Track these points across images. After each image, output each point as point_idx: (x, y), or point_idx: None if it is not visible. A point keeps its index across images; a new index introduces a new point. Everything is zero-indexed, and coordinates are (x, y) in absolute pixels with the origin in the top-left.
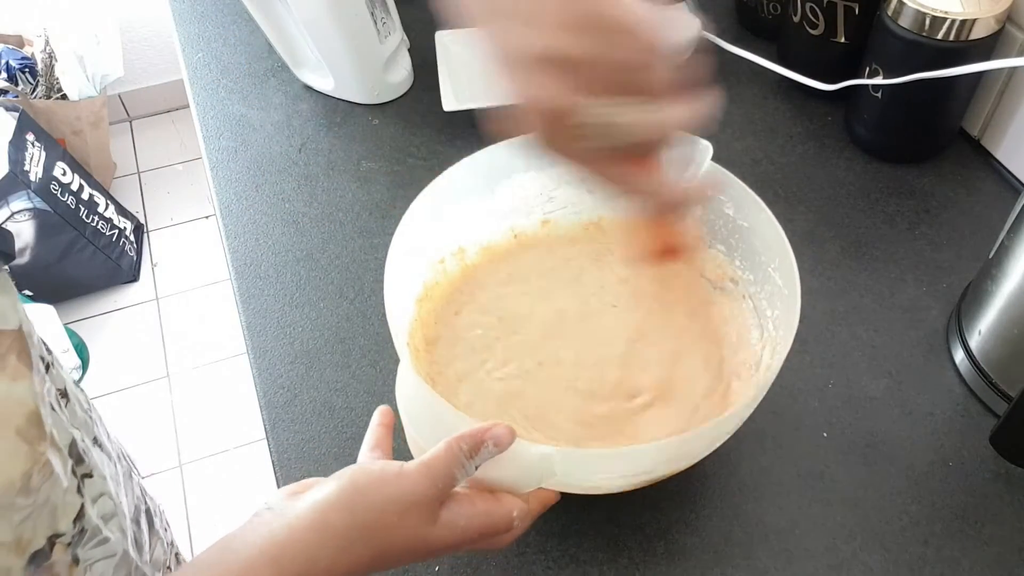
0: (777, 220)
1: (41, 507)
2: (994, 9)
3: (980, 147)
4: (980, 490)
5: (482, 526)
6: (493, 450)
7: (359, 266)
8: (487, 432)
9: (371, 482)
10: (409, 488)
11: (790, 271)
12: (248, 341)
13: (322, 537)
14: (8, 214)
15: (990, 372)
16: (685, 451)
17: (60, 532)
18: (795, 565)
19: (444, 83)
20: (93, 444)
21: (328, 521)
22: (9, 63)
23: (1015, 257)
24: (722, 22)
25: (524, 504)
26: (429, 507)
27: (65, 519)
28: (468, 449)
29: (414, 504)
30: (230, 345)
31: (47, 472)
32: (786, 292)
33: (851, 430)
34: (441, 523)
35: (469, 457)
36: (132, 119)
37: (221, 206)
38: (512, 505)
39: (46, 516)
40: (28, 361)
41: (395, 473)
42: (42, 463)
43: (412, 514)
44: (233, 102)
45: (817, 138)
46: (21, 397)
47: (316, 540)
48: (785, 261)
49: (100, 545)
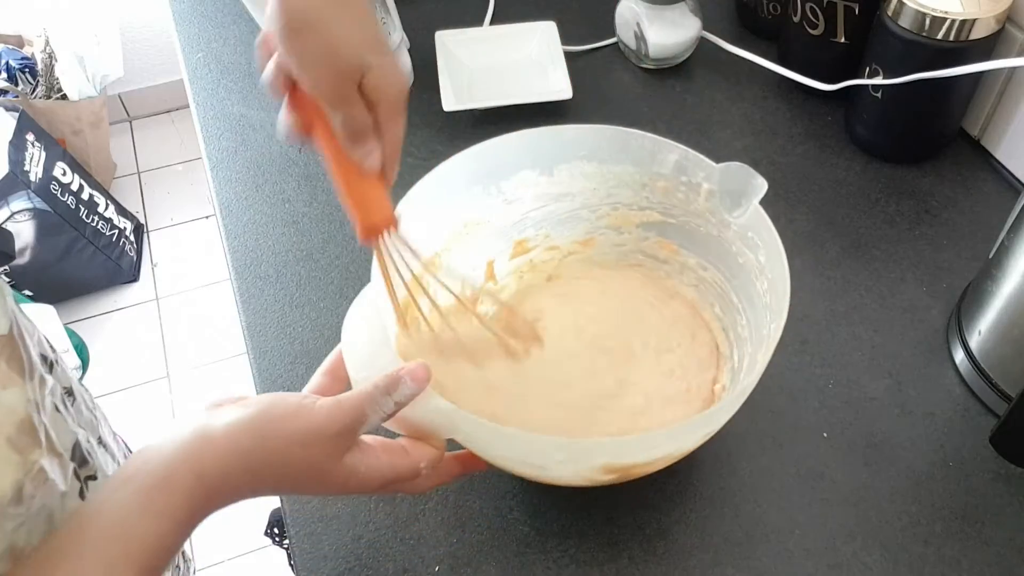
0: (777, 220)
1: (35, 515)
2: (994, 9)
3: (980, 147)
4: (980, 490)
5: (384, 476)
6: (411, 386)
7: (359, 266)
8: (403, 369)
9: (285, 413)
10: (317, 422)
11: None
12: (248, 341)
13: (231, 457)
14: (8, 214)
15: (990, 372)
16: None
17: None
18: (795, 565)
19: (444, 83)
20: (98, 444)
21: (237, 442)
22: (9, 63)
23: (1015, 257)
24: (722, 22)
25: (437, 454)
26: (334, 443)
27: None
28: (384, 386)
29: (321, 438)
30: (230, 345)
31: (40, 480)
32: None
33: (851, 430)
34: (344, 463)
35: (386, 393)
36: (132, 119)
37: (221, 206)
38: (421, 455)
39: (42, 523)
40: (19, 367)
41: (308, 407)
42: (34, 472)
43: (317, 447)
44: (233, 102)
45: (817, 138)
46: (11, 405)
47: (224, 459)
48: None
49: None
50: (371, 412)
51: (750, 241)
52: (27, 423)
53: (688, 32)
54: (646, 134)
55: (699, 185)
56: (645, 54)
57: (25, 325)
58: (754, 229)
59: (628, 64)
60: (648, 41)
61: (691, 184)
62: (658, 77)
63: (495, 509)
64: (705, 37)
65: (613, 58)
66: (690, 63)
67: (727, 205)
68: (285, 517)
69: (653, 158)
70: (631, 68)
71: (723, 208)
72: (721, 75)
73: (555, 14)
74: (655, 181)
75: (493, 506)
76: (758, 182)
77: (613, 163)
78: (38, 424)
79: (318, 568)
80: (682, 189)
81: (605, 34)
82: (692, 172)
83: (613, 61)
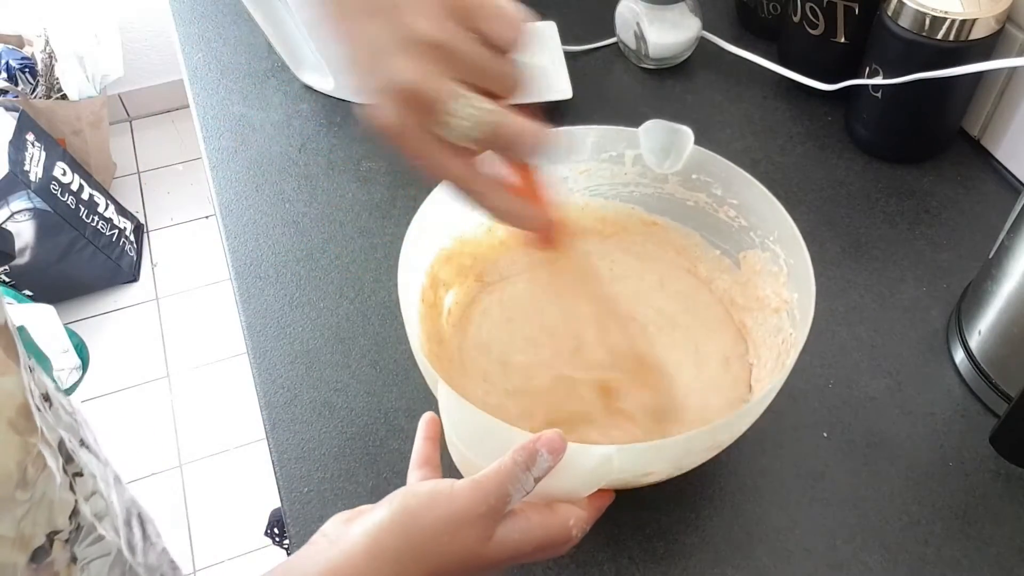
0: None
1: (39, 502)
2: (994, 9)
3: (980, 147)
4: (980, 490)
5: (538, 540)
6: (548, 458)
7: (359, 266)
8: (538, 441)
9: (422, 503)
10: (461, 507)
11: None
12: (248, 341)
13: (377, 562)
14: (8, 214)
15: (990, 372)
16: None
17: (58, 528)
18: (795, 565)
19: None
20: (80, 445)
21: (382, 545)
22: (9, 63)
23: (1015, 257)
24: (722, 22)
25: (580, 512)
26: (483, 525)
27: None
28: (523, 462)
29: (467, 523)
30: (230, 345)
31: (40, 464)
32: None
33: (851, 430)
34: (496, 540)
35: (525, 470)
36: (132, 119)
37: (221, 206)
38: (568, 515)
39: (44, 511)
40: (15, 355)
41: (446, 493)
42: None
43: (465, 533)
44: (233, 102)
45: (817, 138)
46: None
47: (371, 565)
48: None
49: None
50: (513, 491)
51: (696, 183)
52: (25, 408)
53: (688, 32)
54: (557, 129)
55: (622, 155)
56: (645, 54)
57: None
58: (696, 170)
59: (628, 64)
60: (648, 41)
61: (613, 157)
62: (658, 77)
63: None
64: (705, 37)
65: (613, 58)
66: (690, 63)
67: (656, 162)
68: (285, 517)
69: (569, 150)
70: (631, 68)
71: (653, 165)
72: (721, 75)
73: (555, 14)
74: (575, 170)
75: None
76: (684, 132)
77: None
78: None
79: None
80: (604, 167)
81: (605, 34)
82: (612, 147)
83: (613, 61)
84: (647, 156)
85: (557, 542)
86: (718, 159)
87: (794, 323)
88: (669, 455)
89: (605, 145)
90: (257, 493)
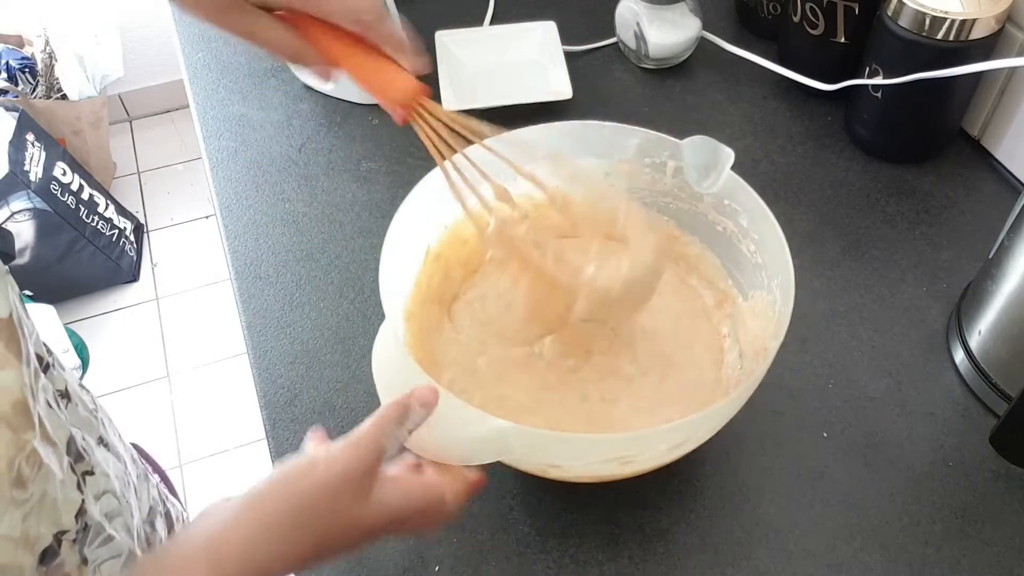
0: (777, 220)
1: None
2: (994, 9)
3: (980, 147)
4: (980, 490)
5: (417, 505)
6: (421, 411)
7: (359, 266)
8: (411, 395)
9: (300, 469)
10: (338, 468)
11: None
12: (248, 341)
13: (257, 530)
14: (8, 214)
15: (990, 372)
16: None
17: (65, 528)
18: (795, 565)
19: (444, 83)
20: (98, 444)
21: (262, 512)
22: (9, 63)
23: (1015, 257)
24: (722, 22)
25: (457, 484)
26: (359, 483)
27: (67, 514)
28: (396, 416)
29: (344, 482)
30: (230, 345)
31: (35, 462)
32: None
33: (851, 430)
34: (373, 500)
35: (399, 424)
36: (132, 119)
37: (221, 206)
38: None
39: (48, 510)
40: (17, 350)
41: (323, 456)
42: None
43: (343, 493)
44: (233, 102)
45: (817, 138)
46: (7, 384)
47: (252, 534)
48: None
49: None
50: (387, 444)
51: (727, 209)
52: (22, 404)
53: (688, 32)
54: (604, 123)
55: (664, 164)
56: (645, 54)
57: (25, 320)
58: (729, 196)
59: (628, 64)
60: (648, 41)
61: (656, 164)
62: (658, 77)
63: (495, 509)
64: (705, 37)
65: (613, 58)
66: (690, 63)
67: (696, 179)
68: None
69: (613, 146)
70: (631, 68)
71: (692, 182)
72: (721, 75)
73: (555, 14)
74: (619, 167)
75: (493, 506)
76: (725, 152)
77: (573, 157)
78: (32, 409)
79: (318, 568)
80: (647, 171)
81: (605, 34)
82: (655, 153)
83: (613, 61)
84: (688, 171)
85: (434, 509)
86: (747, 189)
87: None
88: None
89: (649, 150)
90: None
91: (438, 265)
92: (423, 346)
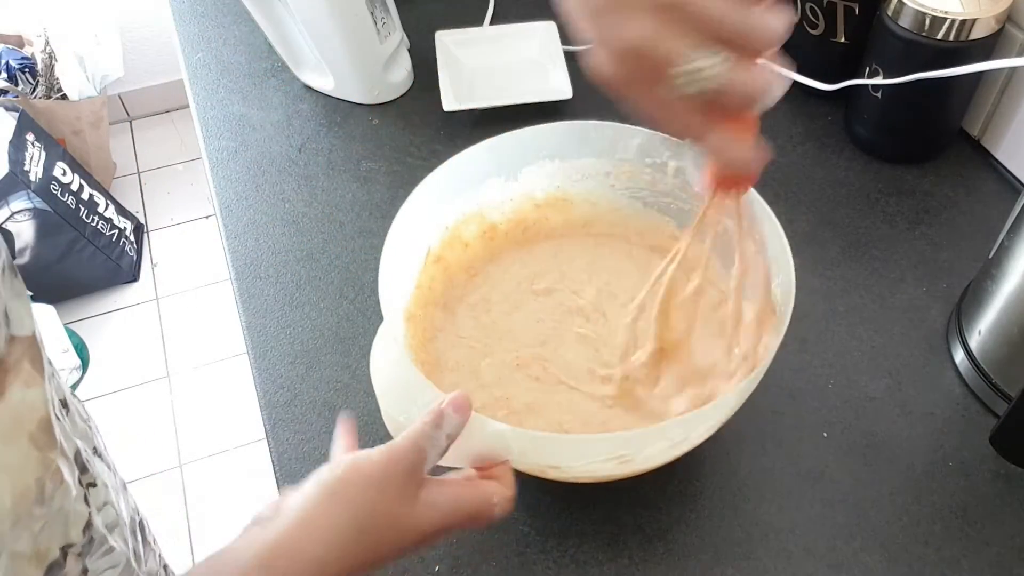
0: (777, 220)
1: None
2: (994, 9)
3: (980, 147)
4: (980, 490)
5: (466, 510)
6: (455, 417)
7: (359, 266)
8: (445, 402)
9: (347, 470)
10: (381, 466)
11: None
12: (248, 341)
13: (309, 532)
14: (8, 214)
15: (990, 372)
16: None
17: (72, 542)
18: (795, 565)
19: (444, 83)
20: (93, 454)
21: (313, 516)
22: (9, 63)
23: (1015, 257)
24: None
25: (504, 489)
26: (404, 482)
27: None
28: (433, 421)
29: (389, 480)
30: (230, 345)
31: (58, 479)
32: None
33: (851, 430)
34: (422, 502)
35: (436, 428)
36: (132, 119)
37: (221, 206)
38: (492, 490)
39: (60, 525)
40: (41, 367)
41: (365, 458)
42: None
43: (391, 491)
44: (233, 102)
45: (817, 138)
46: (34, 403)
47: (304, 537)
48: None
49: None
50: (428, 448)
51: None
52: (46, 422)
53: None
54: (606, 123)
55: (665, 164)
56: None
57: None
58: None
59: None
60: None
61: (656, 164)
62: None
63: None
64: None
65: None
66: None
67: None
68: None
69: (615, 146)
70: None
71: (694, 182)
72: None
73: (555, 14)
74: (619, 168)
75: None
76: None
77: (574, 158)
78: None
79: None
80: (647, 172)
81: None
82: (657, 153)
83: None
84: (690, 171)
85: (482, 514)
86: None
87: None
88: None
89: (650, 150)
90: (257, 493)
91: (439, 267)
92: (425, 348)
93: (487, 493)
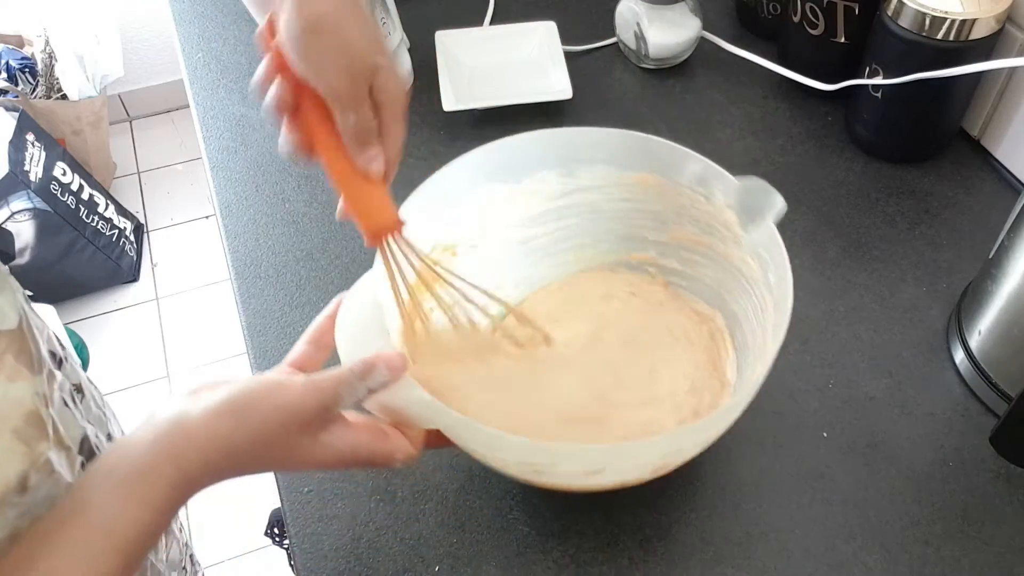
0: None
1: (40, 504)
2: (994, 9)
3: (980, 147)
4: (980, 490)
5: (363, 457)
6: (385, 373)
7: (359, 266)
8: (380, 356)
9: (260, 395)
10: (292, 401)
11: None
12: (248, 341)
13: (213, 444)
14: (8, 214)
15: (990, 372)
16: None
17: None
18: (795, 565)
19: (444, 83)
20: (107, 439)
21: (218, 429)
22: (9, 63)
23: (1015, 257)
24: (722, 22)
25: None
26: (309, 421)
27: None
28: (360, 371)
29: (295, 416)
30: (230, 345)
31: (46, 471)
32: None
33: (851, 430)
34: (321, 442)
35: (360, 379)
36: (132, 119)
37: (221, 206)
38: (397, 445)
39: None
40: (28, 361)
41: (285, 385)
42: (41, 463)
43: (293, 426)
44: (233, 102)
45: (817, 138)
46: (18, 397)
47: (208, 444)
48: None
49: None
50: (345, 394)
51: (762, 260)
52: (35, 415)
53: (688, 32)
54: (672, 144)
55: (716, 198)
56: (645, 54)
57: (35, 322)
58: (764, 246)
59: (628, 64)
60: (648, 41)
61: (708, 197)
62: (658, 77)
63: (495, 509)
64: (705, 37)
65: (613, 58)
66: (690, 63)
67: (742, 221)
68: (285, 517)
69: (672, 167)
70: (631, 68)
71: (739, 223)
72: (721, 75)
73: (555, 14)
74: (676, 190)
75: (493, 506)
76: (774, 199)
77: (632, 169)
78: (46, 417)
79: (318, 568)
80: (701, 201)
81: (605, 34)
82: (712, 185)
83: (613, 61)
84: (739, 213)
85: (378, 464)
86: (779, 242)
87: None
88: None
89: (708, 180)
90: (257, 493)
91: None
92: None
93: (391, 448)
